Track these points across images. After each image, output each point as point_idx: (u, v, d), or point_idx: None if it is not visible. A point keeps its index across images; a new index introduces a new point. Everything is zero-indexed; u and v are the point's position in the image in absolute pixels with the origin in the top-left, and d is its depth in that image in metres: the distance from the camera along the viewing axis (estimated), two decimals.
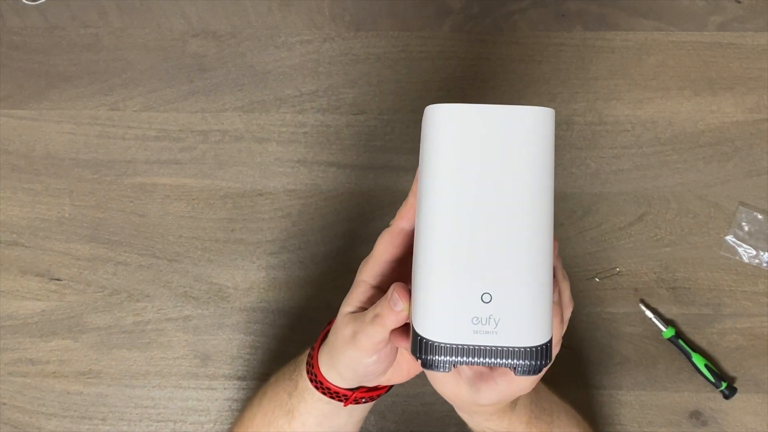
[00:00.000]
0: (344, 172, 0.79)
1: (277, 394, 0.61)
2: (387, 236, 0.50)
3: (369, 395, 0.57)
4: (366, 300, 0.51)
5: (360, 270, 0.52)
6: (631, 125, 0.79)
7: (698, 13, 0.81)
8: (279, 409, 0.60)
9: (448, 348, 0.41)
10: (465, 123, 0.43)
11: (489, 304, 0.41)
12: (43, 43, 0.82)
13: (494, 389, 0.48)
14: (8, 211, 0.80)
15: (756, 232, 0.77)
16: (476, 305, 0.41)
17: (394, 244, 0.49)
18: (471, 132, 0.42)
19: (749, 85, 0.80)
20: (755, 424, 0.75)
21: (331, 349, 0.54)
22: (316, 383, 0.56)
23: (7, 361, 0.77)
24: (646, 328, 0.76)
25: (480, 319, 0.41)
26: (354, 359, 0.52)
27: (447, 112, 0.43)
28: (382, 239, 0.50)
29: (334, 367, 0.54)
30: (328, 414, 0.58)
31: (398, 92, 0.81)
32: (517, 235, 0.41)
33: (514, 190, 0.42)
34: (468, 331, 0.41)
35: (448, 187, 0.42)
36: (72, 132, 0.81)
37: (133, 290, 0.78)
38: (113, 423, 0.76)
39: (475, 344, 0.41)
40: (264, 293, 0.78)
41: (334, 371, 0.54)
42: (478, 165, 0.42)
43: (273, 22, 0.82)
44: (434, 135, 0.43)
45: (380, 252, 0.50)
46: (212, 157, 0.80)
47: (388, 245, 0.49)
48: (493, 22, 0.82)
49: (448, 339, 0.41)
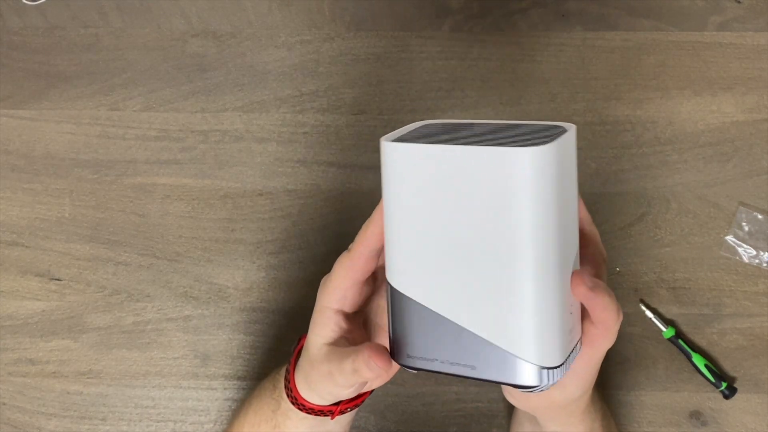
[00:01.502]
0: (344, 172, 0.79)
1: (261, 409, 0.61)
2: (347, 261, 0.48)
3: (353, 404, 0.56)
4: (333, 326, 0.50)
5: (320, 293, 0.50)
6: (631, 125, 0.79)
7: (698, 13, 0.81)
8: (265, 423, 0.59)
9: None
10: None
11: None
12: (43, 43, 0.82)
13: (576, 376, 0.47)
14: (8, 211, 0.80)
15: (756, 232, 0.77)
16: None
17: (354, 269, 0.48)
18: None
19: (749, 85, 0.80)
20: (755, 424, 0.75)
21: (307, 377, 0.53)
22: (298, 405, 0.56)
23: (7, 361, 0.77)
24: (646, 328, 0.76)
25: None
26: (333, 391, 0.52)
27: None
28: (342, 265, 0.49)
29: (313, 390, 0.54)
30: (315, 425, 0.58)
31: (398, 92, 0.81)
32: None
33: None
34: None
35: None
36: (72, 132, 0.81)
37: (133, 290, 0.78)
38: (113, 423, 0.76)
39: None
40: (264, 293, 0.78)
41: (314, 394, 0.54)
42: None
43: (273, 22, 0.82)
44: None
45: (340, 276, 0.49)
46: (212, 157, 0.80)
47: (348, 270, 0.48)
48: (493, 22, 0.82)
49: None
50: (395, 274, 0.44)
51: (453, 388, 0.76)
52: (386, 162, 0.42)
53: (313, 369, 0.52)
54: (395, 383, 0.75)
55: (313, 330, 0.51)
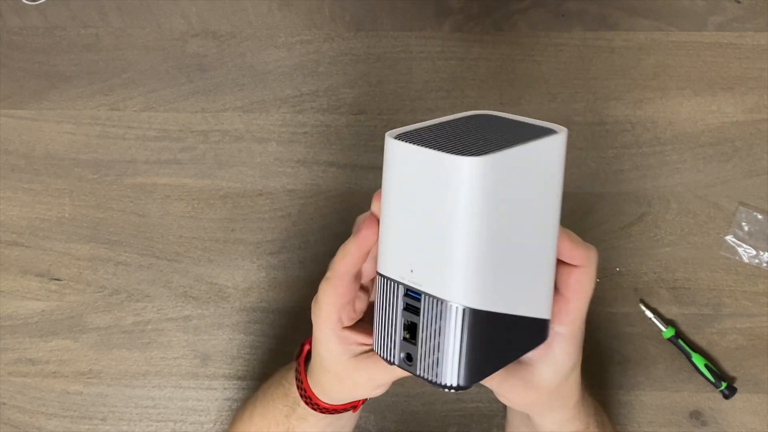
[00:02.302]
0: (344, 172, 0.79)
1: (270, 412, 0.61)
2: (330, 289, 0.48)
3: None
4: (346, 342, 0.50)
5: (315, 320, 0.51)
6: (631, 125, 0.79)
7: (698, 13, 0.81)
8: (275, 426, 0.60)
9: None
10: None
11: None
12: (43, 43, 0.82)
13: (547, 361, 0.49)
14: (8, 211, 0.80)
15: (756, 232, 0.77)
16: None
17: (338, 294, 0.48)
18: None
19: (749, 85, 0.80)
20: (755, 424, 0.75)
21: (331, 389, 0.54)
22: (320, 409, 0.56)
23: (7, 361, 0.77)
24: (646, 328, 0.76)
25: None
26: (367, 393, 0.54)
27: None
28: (325, 293, 0.49)
29: (336, 398, 0.55)
30: (332, 422, 0.59)
31: (398, 92, 0.81)
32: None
33: None
34: None
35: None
36: (72, 132, 0.81)
37: (133, 290, 0.78)
38: (113, 423, 0.76)
39: None
40: (264, 293, 0.78)
41: (333, 399, 0.55)
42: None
43: (273, 22, 0.82)
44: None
45: (329, 305, 0.49)
46: (212, 157, 0.80)
47: (333, 297, 0.48)
48: (493, 22, 0.82)
49: None
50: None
51: None
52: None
53: (342, 382, 0.52)
54: (395, 383, 0.75)
55: (328, 351, 0.51)
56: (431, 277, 0.43)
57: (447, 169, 0.42)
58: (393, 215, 0.45)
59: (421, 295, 0.44)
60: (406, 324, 0.45)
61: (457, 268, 0.42)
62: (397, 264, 0.45)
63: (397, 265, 0.45)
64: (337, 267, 0.48)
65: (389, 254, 0.45)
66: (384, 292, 0.46)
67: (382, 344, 0.46)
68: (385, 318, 0.46)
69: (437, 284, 0.43)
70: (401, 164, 0.44)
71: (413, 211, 0.44)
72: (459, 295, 0.43)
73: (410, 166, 0.44)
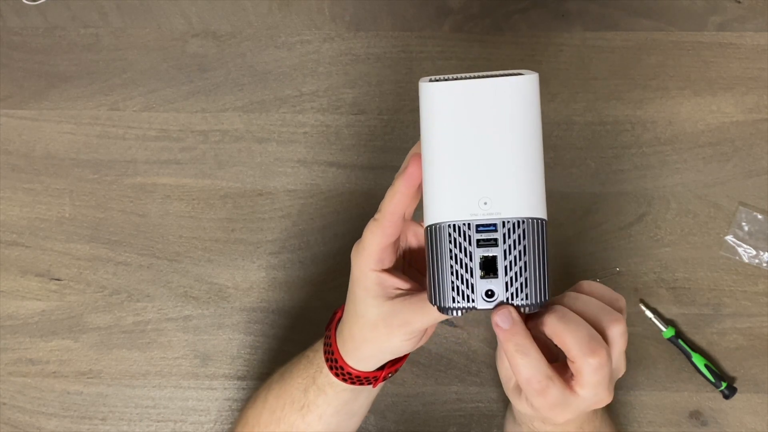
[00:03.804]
0: (344, 172, 0.79)
1: (286, 391, 0.61)
2: (377, 229, 0.50)
3: (394, 368, 0.58)
4: (384, 283, 0.52)
5: (355, 259, 0.52)
6: (631, 125, 0.80)
7: (698, 13, 0.81)
8: (290, 406, 0.60)
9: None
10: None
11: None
12: (43, 43, 0.83)
13: None
14: (8, 211, 0.80)
15: (756, 232, 0.77)
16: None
17: (385, 234, 0.50)
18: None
19: (749, 85, 0.80)
20: (755, 424, 0.75)
21: (359, 341, 0.54)
22: (343, 375, 0.57)
23: (7, 361, 0.77)
24: (646, 328, 0.76)
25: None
26: (392, 347, 0.53)
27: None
28: (372, 232, 0.50)
29: (359, 354, 0.55)
30: (349, 400, 0.59)
31: (398, 92, 0.81)
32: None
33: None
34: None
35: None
36: (72, 132, 0.81)
37: (133, 290, 0.78)
38: (113, 423, 0.76)
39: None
40: (264, 293, 0.78)
41: (360, 361, 0.55)
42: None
43: (273, 22, 0.82)
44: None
45: (373, 243, 0.50)
46: (212, 157, 0.80)
47: (379, 236, 0.50)
48: (493, 22, 0.82)
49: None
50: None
51: (453, 388, 0.76)
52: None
53: (375, 330, 0.53)
54: (395, 383, 0.75)
55: (366, 291, 0.52)
56: (509, 202, 0.45)
57: (505, 92, 0.44)
58: (446, 158, 0.46)
59: (495, 226, 0.45)
60: (482, 261, 0.46)
61: (535, 183, 0.45)
62: (461, 205, 0.45)
63: (461, 206, 0.45)
64: (386, 207, 0.49)
65: (448, 199, 0.46)
66: (445, 241, 0.46)
67: (444, 293, 0.46)
68: (450, 266, 0.46)
69: (517, 206, 0.45)
70: (448, 104, 0.45)
71: (470, 145, 0.45)
72: (539, 209, 0.45)
73: (459, 104, 0.45)
